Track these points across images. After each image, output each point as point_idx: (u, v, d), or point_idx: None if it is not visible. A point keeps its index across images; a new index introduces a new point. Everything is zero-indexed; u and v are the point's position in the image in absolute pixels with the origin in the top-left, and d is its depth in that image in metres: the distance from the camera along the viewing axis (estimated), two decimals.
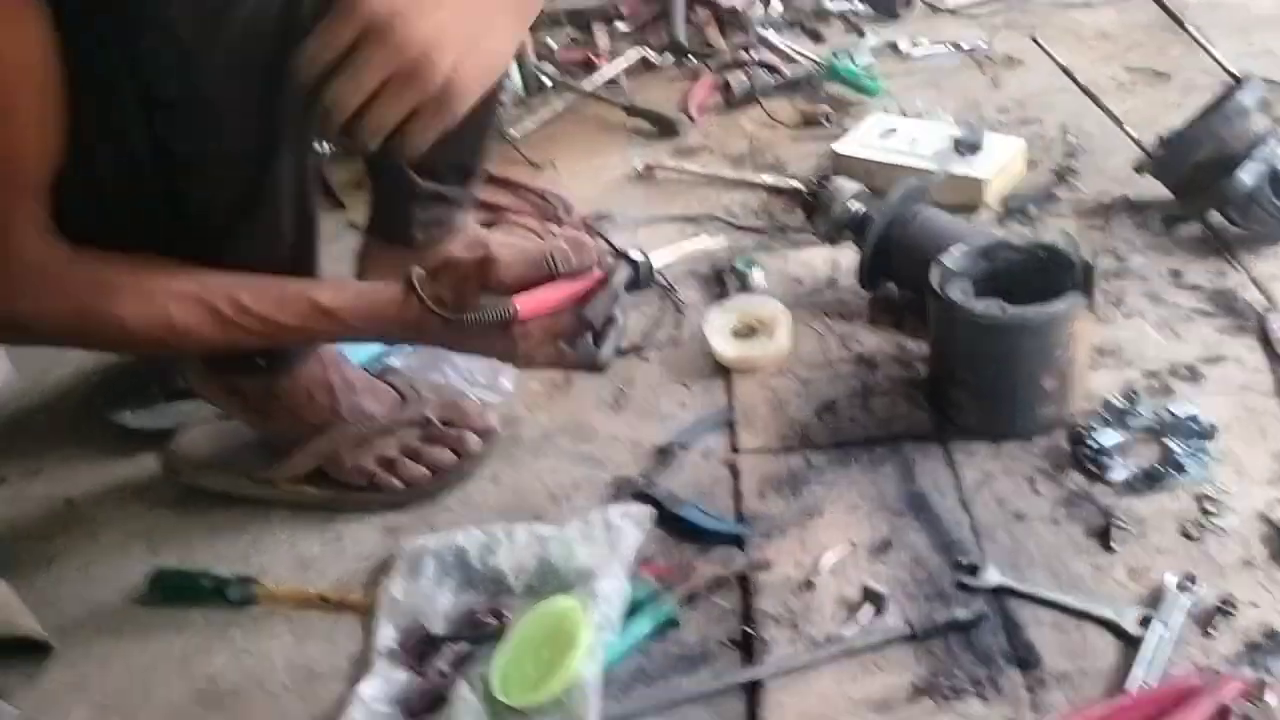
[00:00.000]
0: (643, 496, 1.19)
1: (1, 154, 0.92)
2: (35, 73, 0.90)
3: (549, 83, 2.10)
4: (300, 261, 1.12)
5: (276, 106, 1.02)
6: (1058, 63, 1.48)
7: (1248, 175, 1.34)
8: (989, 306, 1.13)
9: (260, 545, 1.21)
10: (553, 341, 1.07)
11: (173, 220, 1.03)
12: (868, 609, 1.02)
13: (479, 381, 1.37)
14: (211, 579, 1.15)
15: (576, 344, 1.08)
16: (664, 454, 1.25)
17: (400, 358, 1.39)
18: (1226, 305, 1.32)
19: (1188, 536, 1.05)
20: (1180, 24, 1.46)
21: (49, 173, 0.95)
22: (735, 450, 1.24)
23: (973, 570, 1.04)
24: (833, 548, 1.09)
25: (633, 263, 1.09)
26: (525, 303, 1.04)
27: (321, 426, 1.23)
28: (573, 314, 1.07)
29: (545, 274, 1.05)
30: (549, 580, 1.07)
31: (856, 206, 1.42)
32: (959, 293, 1.16)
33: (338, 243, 1.55)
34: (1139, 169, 1.49)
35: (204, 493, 1.27)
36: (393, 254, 1.49)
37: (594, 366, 1.09)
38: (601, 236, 1.50)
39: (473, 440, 1.27)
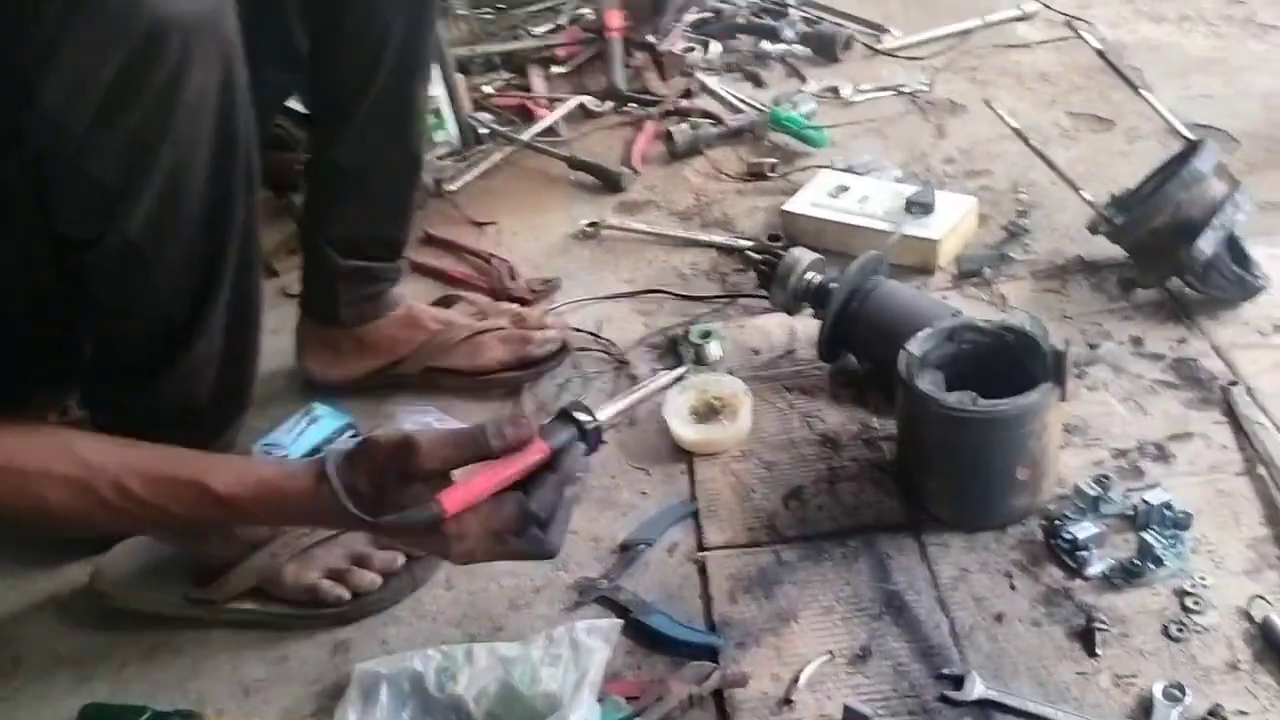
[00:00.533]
0: (608, 603, 1.14)
1: None
2: None
3: (486, 131, 2.04)
4: (230, 389, 1.06)
5: (214, 245, 0.96)
6: (1013, 128, 1.47)
7: (1207, 244, 1.33)
8: (961, 399, 1.10)
9: (199, 670, 1.13)
10: (493, 536, 0.91)
11: (93, 357, 0.95)
12: None
13: None
14: (148, 715, 1.07)
15: (523, 534, 0.92)
16: (627, 552, 1.20)
17: None
18: (1190, 376, 1.31)
19: (1170, 637, 1.02)
20: (1135, 88, 1.45)
21: None
22: (702, 547, 1.19)
23: (957, 683, 1.00)
24: (811, 659, 1.04)
25: (580, 429, 0.93)
26: (453, 496, 0.88)
27: (258, 543, 1.15)
28: (515, 504, 0.91)
29: (476, 454, 0.91)
30: (513, 707, 1.02)
31: (814, 277, 1.39)
32: (929, 384, 1.12)
33: (272, 311, 1.47)
34: (1094, 229, 1.47)
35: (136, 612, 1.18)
36: (325, 332, 1.44)
37: (544, 555, 0.93)
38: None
39: None
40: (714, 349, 1.45)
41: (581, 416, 0.94)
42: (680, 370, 1.16)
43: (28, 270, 0.91)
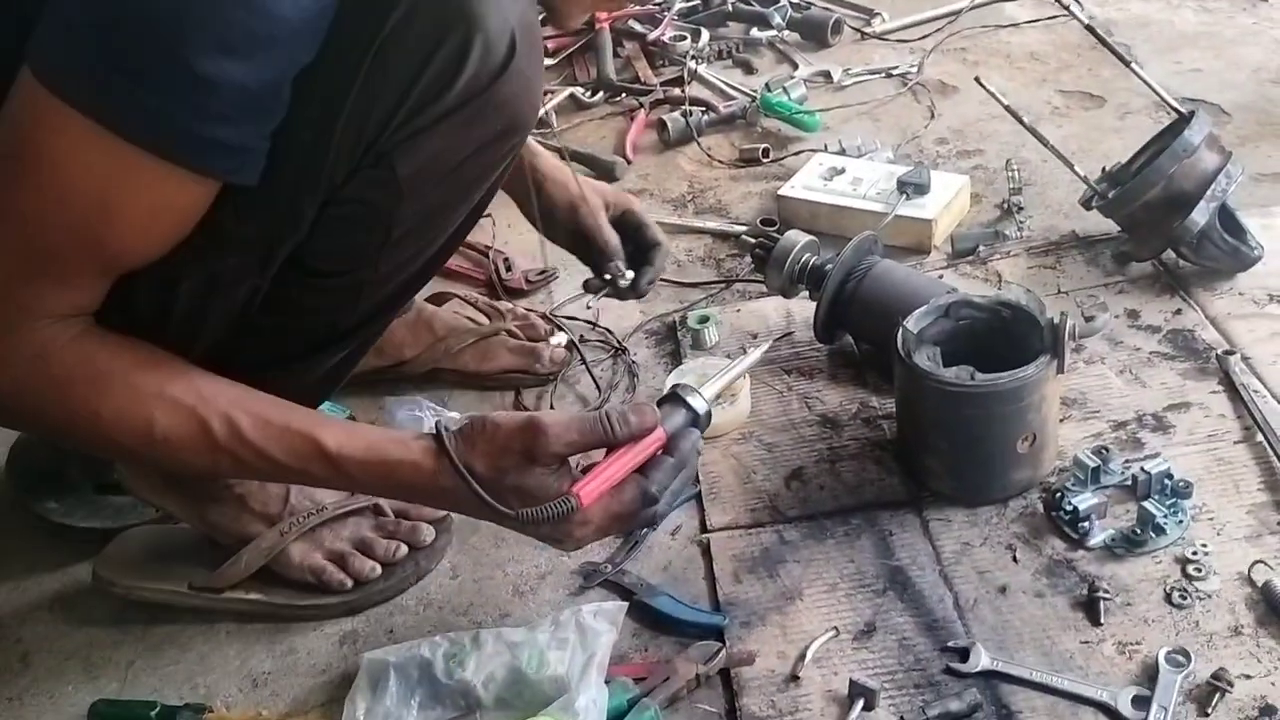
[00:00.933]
0: (613, 586, 1.14)
1: (71, 244, 0.86)
2: (158, 212, 0.87)
3: None
4: (328, 382, 1.09)
5: (415, 283, 1.06)
6: (1004, 105, 1.46)
7: (1200, 216, 1.33)
8: (959, 374, 1.10)
9: (208, 663, 1.14)
10: (612, 521, 0.95)
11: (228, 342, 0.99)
12: (859, 706, 0.98)
13: None
14: (158, 709, 1.07)
15: (639, 516, 0.96)
16: (630, 536, 1.20)
17: None
18: (1186, 346, 1.32)
19: (1173, 604, 1.03)
20: (1126, 63, 1.45)
21: (122, 265, 0.89)
22: (705, 528, 1.20)
23: (962, 655, 1.00)
24: (816, 636, 1.05)
25: (692, 411, 0.96)
26: (588, 488, 0.90)
27: (267, 518, 1.16)
28: (637, 489, 0.94)
29: (600, 441, 0.93)
30: (521, 691, 1.02)
31: (809, 259, 1.39)
32: (927, 360, 1.13)
33: None
34: (1087, 204, 1.48)
35: (142, 605, 1.18)
36: None
37: (650, 527, 1.03)
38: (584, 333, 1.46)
39: (426, 530, 1.21)
40: (711, 334, 1.45)
41: (693, 400, 0.97)
42: (767, 344, 1.20)
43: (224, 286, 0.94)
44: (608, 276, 1.34)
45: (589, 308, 1.45)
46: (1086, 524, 1.10)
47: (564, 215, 1.36)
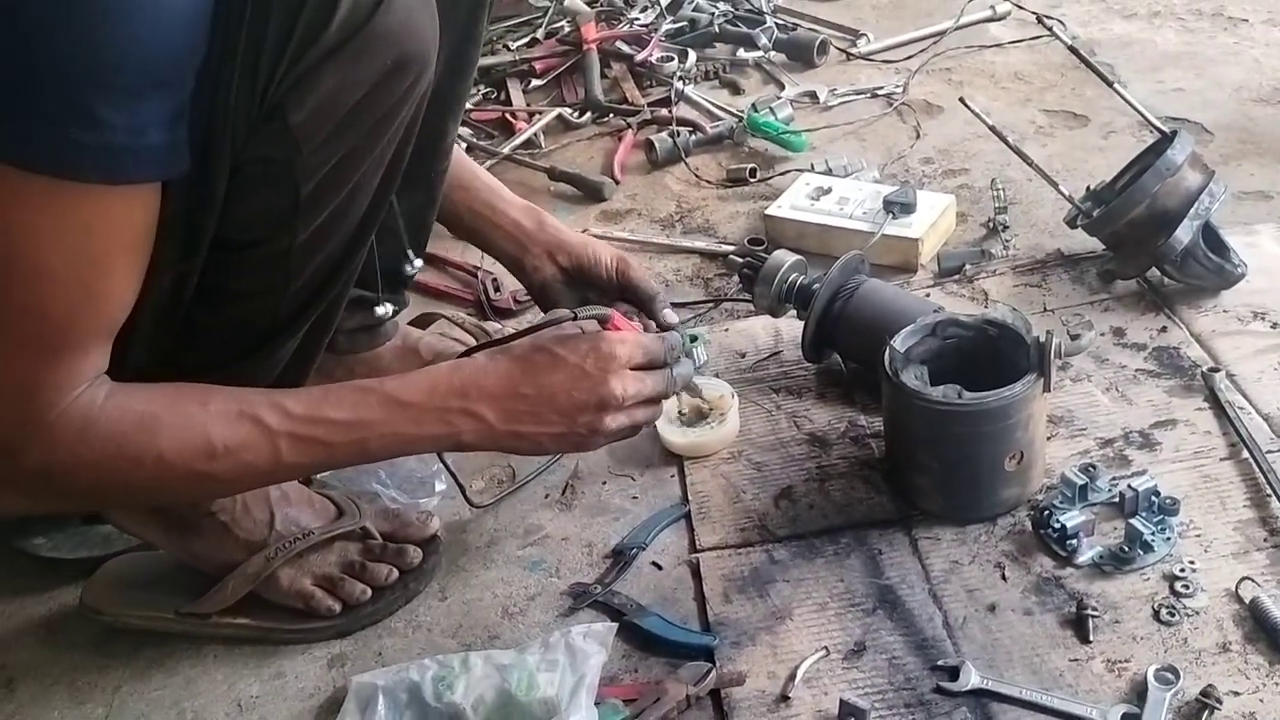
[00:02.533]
0: (602, 607, 1.14)
1: (81, 311, 0.86)
2: (136, 236, 0.86)
3: (465, 146, 2.04)
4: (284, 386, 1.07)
5: (345, 258, 1.03)
6: (988, 125, 1.47)
7: (1184, 234, 1.34)
8: (946, 393, 1.11)
9: (195, 688, 1.13)
10: (644, 352, 1.07)
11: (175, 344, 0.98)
12: None
13: (412, 489, 1.30)
14: None
15: (661, 370, 1.09)
16: (620, 556, 1.20)
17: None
18: (1171, 364, 1.32)
19: (1162, 621, 1.03)
20: (1108, 82, 1.46)
21: (125, 312, 0.89)
22: (695, 548, 1.20)
23: (952, 674, 1.00)
24: (806, 656, 1.05)
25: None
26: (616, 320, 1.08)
27: (252, 545, 1.15)
28: (659, 339, 1.10)
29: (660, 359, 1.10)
30: (511, 714, 1.02)
31: (797, 278, 1.40)
32: (914, 379, 1.13)
33: None
34: (1071, 223, 1.49)
35: (129, 631, 1.18)
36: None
37: (667, 394, 1.10)
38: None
39: (414, 553, 1.20)
40: (700, 353, 1.45)
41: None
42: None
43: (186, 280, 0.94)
44: None
45: None
46: (1074, 541, 1.10)
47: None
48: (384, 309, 1.29)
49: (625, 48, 2.30)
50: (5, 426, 0.87)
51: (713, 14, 2.35)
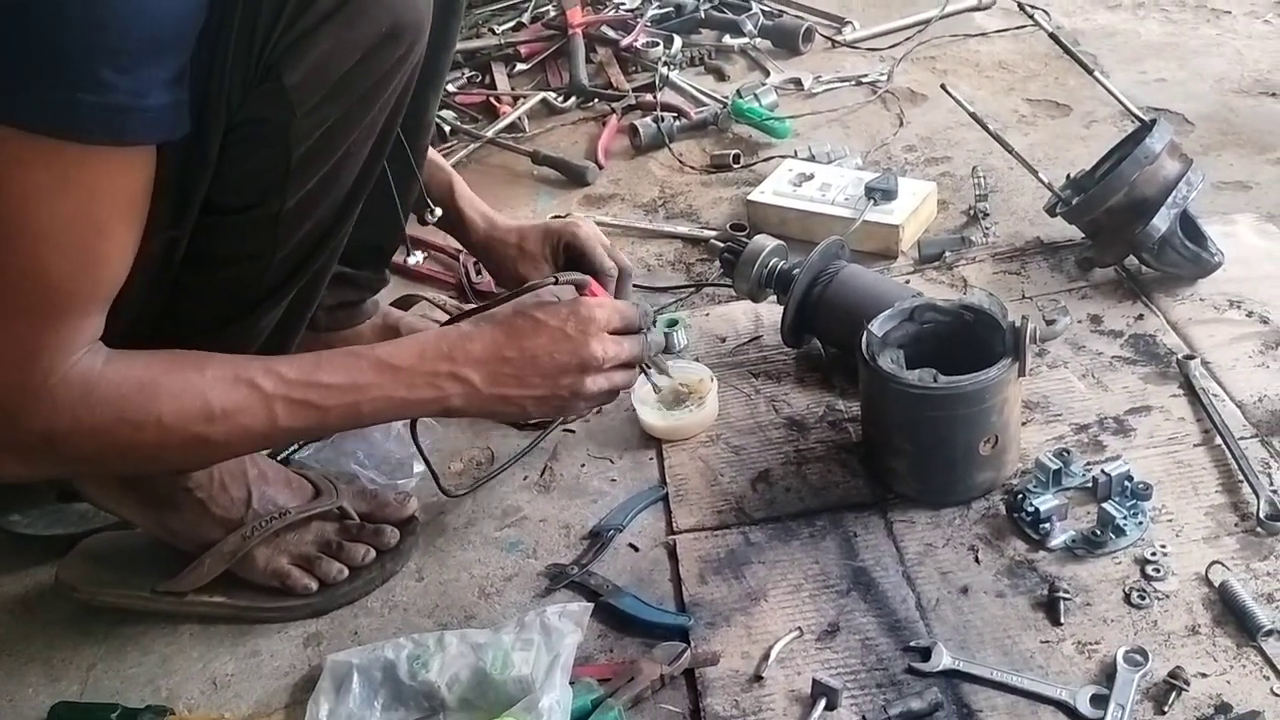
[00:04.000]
0: (578, 587, 1.14)
1: (82, 274, 0.87)
2: (135, 200, 0.87)
3: (449, 129, 2.04)
4: (273, 351, 1.07)
5: (333, 227, 1.03)
6: (969, 112, 1.47)
7: (1161, 222, 1.35)
8: (922, 376, 1.11)
9: (170, 666, 1.13)
10: (620, 317, 1.08)
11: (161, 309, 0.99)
12: (821, 705, 0.98)
13: (390, 470, 1.30)
14: (119, 712, 1.06)
15: (636, 336, 1.10)
16: (597, 538, 1.20)
17: (310, 449, 1.32)
18: (1147, 351, 1.33)
19: (1132, 604, 1.04)
20: (1089, 71, 1.47)
21: (123, 276, 0.90)
22: (672, 530, 1.20)
23: (924, 654, 1.01)
24: (780, 636, 1.05)
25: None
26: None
27: (229, 523, 1.15)
28: (636, 306, 1.11)
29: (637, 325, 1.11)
30: (486, 692, 1.02)
31: (777, 263, 1.40)
32: (891, 363, 1.14)
33: None
34: (1051, 211, 1.49)
35: (104, 609, 1.18)
36: None
37: (638, 359, 1.11)
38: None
39: (391, 533, 1.20)
40: (680, 337, 1.46)
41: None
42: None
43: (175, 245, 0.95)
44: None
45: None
46: (1047, 525, 1.11)
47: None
48: (415, 257, 1.35)
49: (611, 32, 2.30)
50: (5, 390, 0.87)
51: (698, 0, 2.35)
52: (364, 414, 1.02)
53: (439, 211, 1.31)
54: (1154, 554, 1.08)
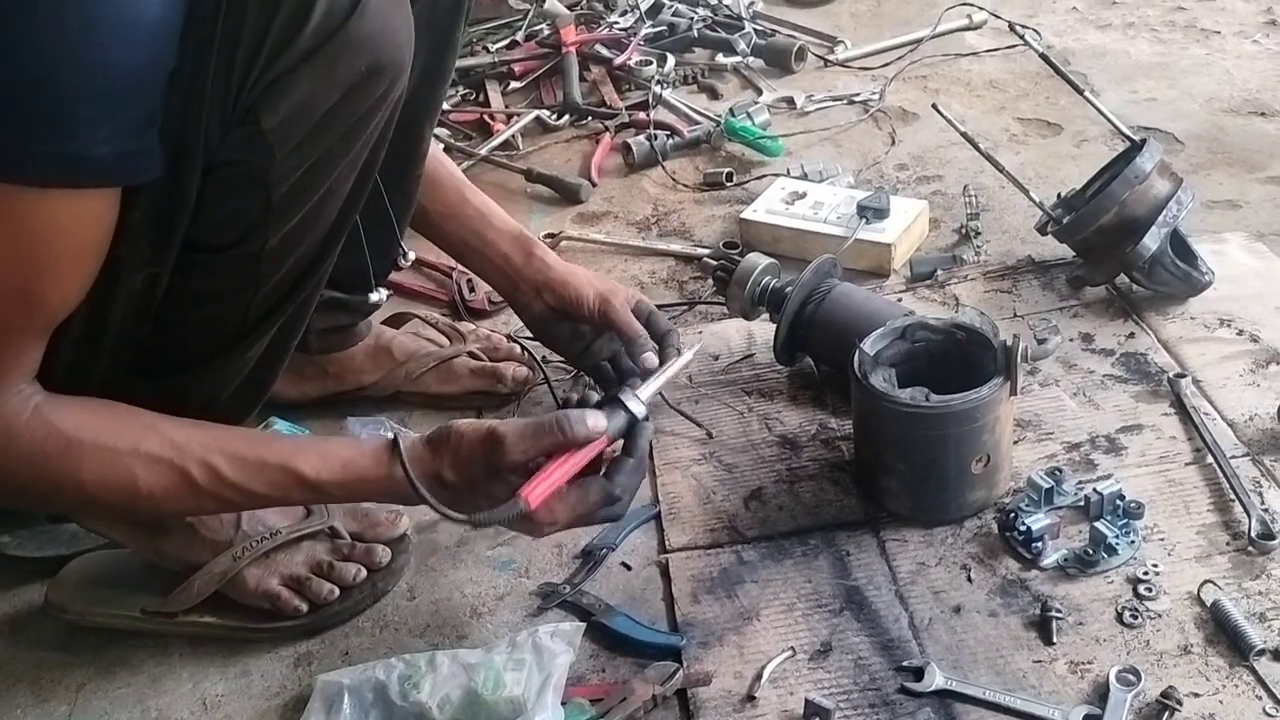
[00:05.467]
0: (571, 606, 1.14)
1: (17, 315, 0.87)
2: (88, 243, 0.87)
3: (443, 146, 2.04)
4: (249, 391, 1.08)
5: (313, 264, 1.02)
6: (961, 131, 1.48)
7: (1152, 241, 1.35)
8: (914, 395, 1.12)
9: (159, 686, 1.12)
10: (578, 518, 1.01)
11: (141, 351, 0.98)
12: None
13: None
14: None
15: (603, 511, 1.02)
16: (589, 556, 1.20)
17: None
18: (1138, 370, 1.34)
19: (1124, 623, 1.04)
20: (1079, 90, 1.47)
21: (63, 315, 0.90)
22: (664, 549, 1.20)
23: (917, 674, 1.01)
24: (773, 656, 1.05)
25: (631, 415, 1.02)
26: (535, 491, 0.96)
27: (218, 545, 1.14)
28: (600, 490, 1.01)
29: (558, 445, 0.98)
30: (477, 713, 1.01)
31: (770, 281, 1.40)
32: (883, 381, 1.14)
33: None
34: (1042, 229, 1.50)
35: (94, 630, 1.17)
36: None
37: (615, 520, 1.07)
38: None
39: (383, 552, 1.20)
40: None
41: (630, 403, 1.02)
42: (696, 348, 1.21)
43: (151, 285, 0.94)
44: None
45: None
46: (1040, 544, 1.11)
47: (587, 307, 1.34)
48: (378, 295, 1.29)
49: (604, 51, 2.30)
50: None
51: (692, 19, 2.36)
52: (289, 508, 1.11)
53: (412, 256, 1.32)
54: (1146, 573, 1.08)
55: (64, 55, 0.77)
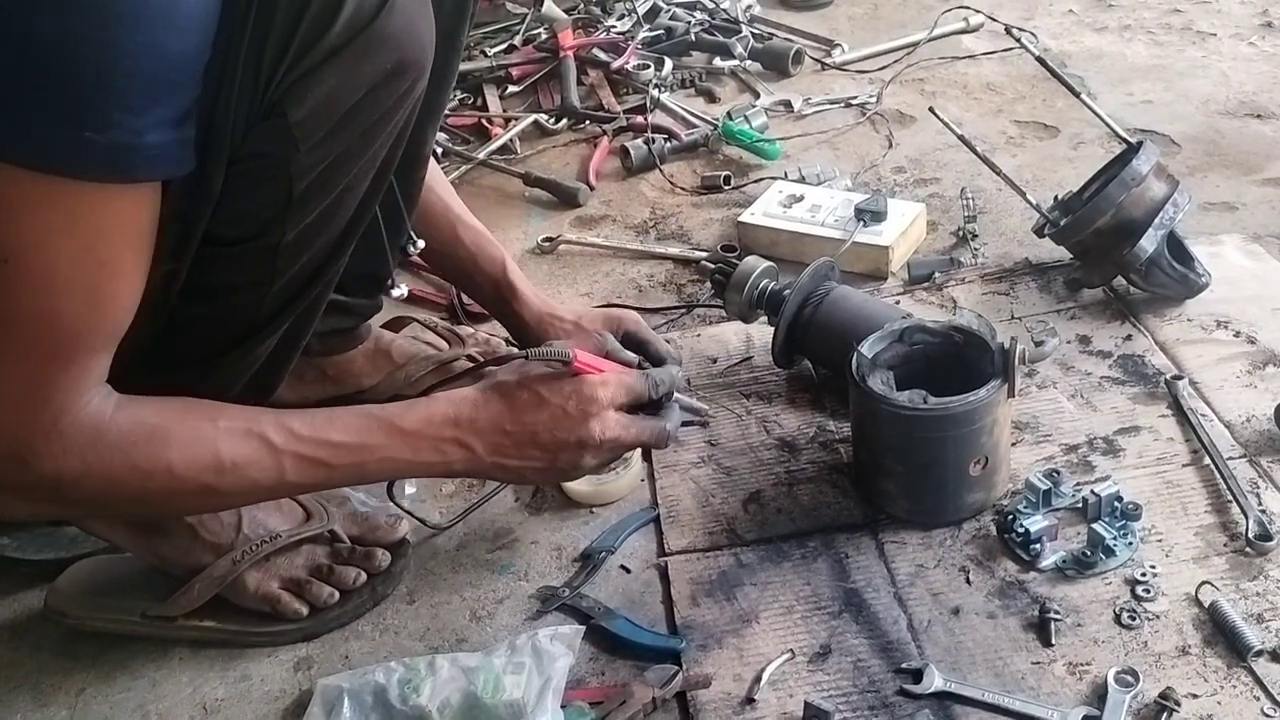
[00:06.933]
0: (570, 609, 1.14)
1: (92, 314, 0.87)
2: (142, 237, 0.87)
3: (441, 150, 2.04)
4: (259, 388, 1.08)
5: (329, 259, 1.03)
6: (957, 134, 1.48)
7: (1149, 243, 1.36)
8: (912, 398, 1.12)
9: (159, 690, 1.12)
10: (626, 392, 1.07)
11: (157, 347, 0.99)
12: None
13: (381, 492, 1.29)
14: None
15: (648, 411, 1.10)
16: (589, 560, 1.20)
17: None
18: (1136, 371, 1.34)
19: (1123, 625, 1.04)
20: (1075, 93, 1.48)
21: (132, 313, 0.90)
22: (663, 552, 1.20)
23: (916, 676, 1.01)
24: (772, 658, 1.05)
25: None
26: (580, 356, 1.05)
27: (218, 548, 1.15)
28: (641, 376, 1.09)
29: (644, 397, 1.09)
30: (477, 716, 1.01)
31: (768, 284, 1.41)
32: (881, 384, 1.14)
33: None
34: (1039, 232, 1.50)
35: (94, 634, 1.17)
36: None
37: (662, 441, 1.11)
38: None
39: (383, 556, 1.20)
40: None
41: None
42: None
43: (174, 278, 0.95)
44: None
45: None
46: (1038, 546, 1.11)
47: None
48: (400, 290, 1.31)
49: (602, 55, 2.31)
50: (16, 431, 0.87)
51: (689, 22, 2.37)
52: (369, 473, 1.04)
53: (421, 244, 1.31)
54: (1144, 574, 1.08)
55: (118, 42, 0.76)
